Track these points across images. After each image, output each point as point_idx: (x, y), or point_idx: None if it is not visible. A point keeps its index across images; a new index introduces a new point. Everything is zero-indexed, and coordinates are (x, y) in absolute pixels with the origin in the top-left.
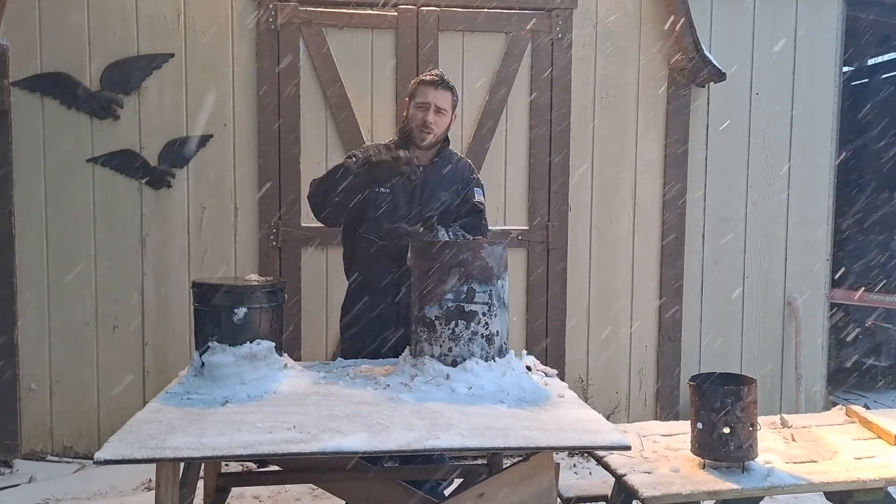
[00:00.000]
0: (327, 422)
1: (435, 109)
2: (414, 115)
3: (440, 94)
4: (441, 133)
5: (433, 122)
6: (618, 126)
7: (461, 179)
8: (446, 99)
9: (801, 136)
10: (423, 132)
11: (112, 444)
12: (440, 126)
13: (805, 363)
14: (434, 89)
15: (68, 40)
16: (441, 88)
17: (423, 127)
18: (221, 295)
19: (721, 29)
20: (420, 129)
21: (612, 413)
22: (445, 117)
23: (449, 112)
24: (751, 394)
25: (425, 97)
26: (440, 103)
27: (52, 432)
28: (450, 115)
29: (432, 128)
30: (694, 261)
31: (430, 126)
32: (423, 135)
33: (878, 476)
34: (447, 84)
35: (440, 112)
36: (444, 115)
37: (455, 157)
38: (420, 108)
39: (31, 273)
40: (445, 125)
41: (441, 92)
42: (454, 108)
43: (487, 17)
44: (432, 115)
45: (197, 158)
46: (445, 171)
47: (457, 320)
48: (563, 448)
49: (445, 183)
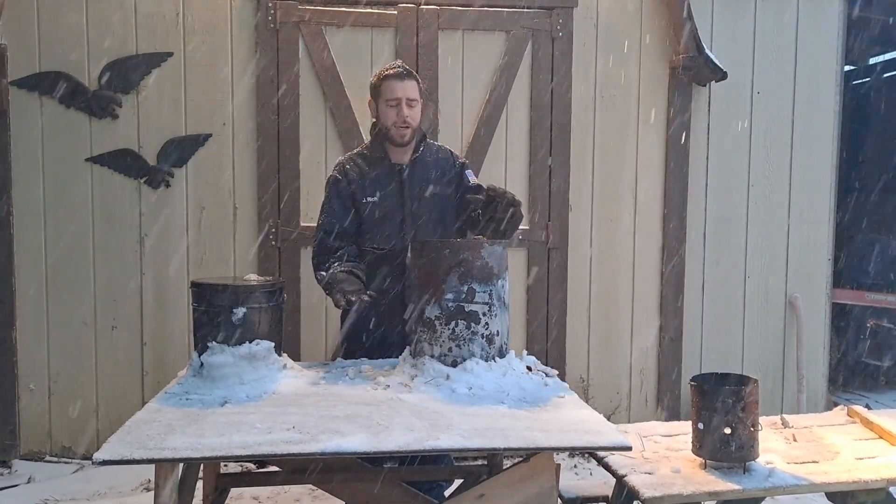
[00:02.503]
0: (327, 422)
1: (407, 102)
2: (386, 114)
3: (408, 86)
4: (417, 125)
5: (408, 115)
6: (618, 125)
7: (447, 168)
8: (414, 89)
9: (803, 135)
10: (400, 129)
11: (111, 444)
12: (415, 118)
13: (806, 363)
14: (400, 81)
15: (67, 39)
16: (407, 79)
17: (399, 123)
18: (220, 295)
19: (722, 27)
20: (397, 126)
21: (612, 413)
22: (418, 107)
23: (419, 101)
24: (752, 394)
25: (394, 93)
26: (410, 94)
27: (51, 433)
28: (420, 104)
29: (409, 122)
30: (695, 260)
31: (407, 120)
32: (402, 131)
33: (879, 476)
34: (412, 74)
35: (411, 104)
36: (415, 106)
37: (434, 148)
38: (391, 105)
39: (29, 273)
40: (419, 116)
41: (408, 83)
42: (422, 96)
43: (488, 15)
44: (406, 109)
45: (196, 158)
46: (428, 164)
47: (457, 320)
48: (564, 449)
49: (431, 176)
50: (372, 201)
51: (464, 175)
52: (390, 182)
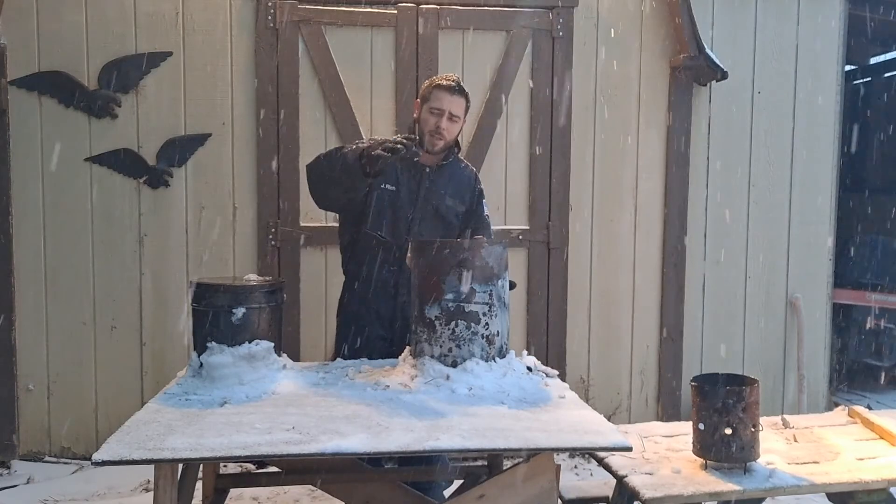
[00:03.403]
0: (326, 423)
1: (448, 116)
2: (426, 120)
3: (455, 101)
4: (452, 140)
5: (446, 128)
6: (619, 124)
7: (467, 188)
8: (460, 106)
9: (803, 135)
10: (434, 137)
11: (110, 444)
12: (452, 133)
13: (807, 364)
14: (450, 95)
15: (66, 39)
16: (457, 95)
17: (435, 132)
18: (220, 295)
19: (723, 27)
20: (432, 134)
21: (613, 414)
22: (457, 124)
23: (461, 119)
24: (753, 394)
25: (440, 103)
26: (454, 110)
27: (50, 433)
28: (461, 122)
29: (444, 134)
30: (696, 260)
31: (443, 132)
32: (435, 140)
33: (880, 477)
34: (463, 91)
35: (453, 119)
36: (456, 122)
37: (462, 164)
38: (434, 114)
39: (28, 272)
40: (457, 132)
41: (456, 98)
42: (466, 114)
43: (488, 14)
44: (445, 122)
45: (195, 158)
46: (451, 176)
47: (457, 321)
48: (564, 449)
49: (451, 188)
50: (389, 189)
51: (480, 204)
52: (411, 178)
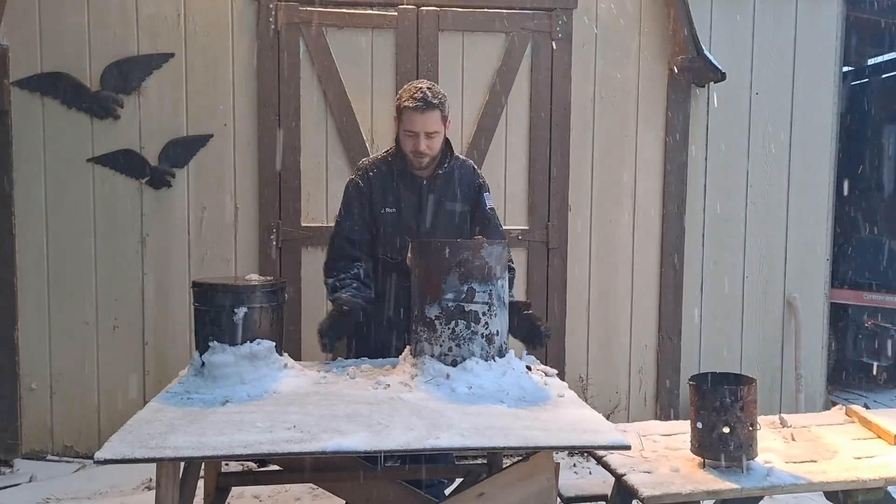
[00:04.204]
0: (327, 421)
1: (425, 135)
2: (405, 142)
3: (427, 118)
4: (437, 152)
5: (426, 147)
6: (618, 125)
7: (467, 185)
8: (434, 120)
9: (801, 136)
10: (417, 158)
11: (112, 443)
12: (434, 148)
13: (805, 363)
14: (420, 114)
15: (68, 40)
16: (427, 111)
17: (416, 154)
18: (222, 295)
19: (721, 28)
20: (414, 154)
21: (611, 413)
22: (438, 137)
23: (441, 130)
24: (750, 393)
25: (412, 125)
26: (429, 128)
27: (53, 432)
28: (443, 132)
29: (425, 152)
30: (694, 260)
31: (423, 152)
32: (419, 160)
33: (877, 476)
34: (431, 104)
35: (431, 136)
36: (435, 136)
37: (458, 162)
38: (409, 136)
39: (31, 272)
40: (440, 144)
41: (428, 115)
42: (445, 121)
43: (487, 16)
44: (423, 142)
45: (197, 158)
46: (449, 180)
47: (457, 320)
48: (563, 448)
49: (451, 193)
50: (390, 212)
51: (482, 197)
52: (410, 195)
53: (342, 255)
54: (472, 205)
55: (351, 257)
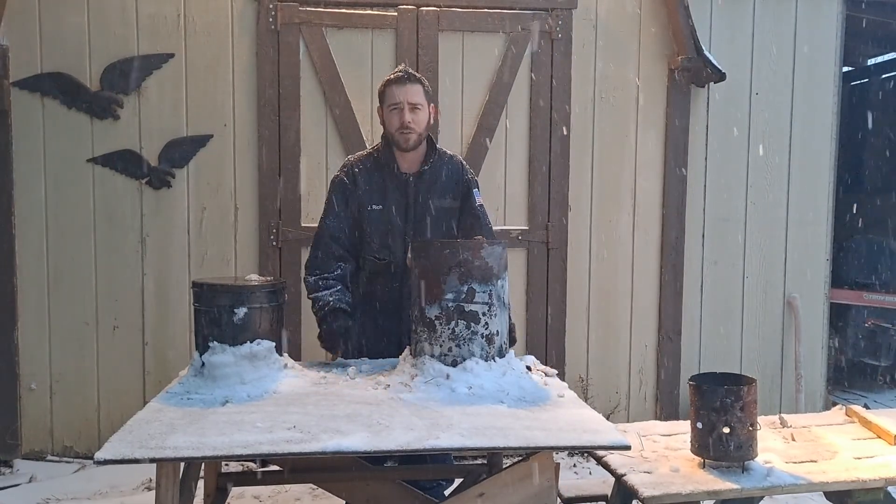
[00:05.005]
0: (327, 421)
1: (409, 107)
2: (390, 121)
3: (410, 89)
4: (423, 129)
5: (411, 120)
6: (618, 126)
7: (455, 181)
8: (417, 92)
9: (801, 136)
10: (403, 134)
11: (112, 443)
12: (420, 123)
13: (805, 363)
14: (402, 86)
15: (68, 40)
16: (409, 83)
17: (402, 129)
18: (222, 295)
19: (721, 29)
20: (400, 131)
21: (611, 413)
22: (423, 111)
23: (425, 105)
24: (750, 393)
25: (395, 97)
26: (412, 98)
27: (53, 432)
28: (426, 109)
29: (412, 126)
30: (694, 260)
31: (409, 125)
32: (405, 136)
33: (877, 476)
34: (414, 77)
35: (415, 108)
36: (420, 109)
37: (445, 158)
38: (394, 111)
39: (31, 273)
40: (425, 120)
41: (410, 86)
42: (429, 100)
43: (487, 16)
44: (408, 114)
45: (197, 158)
46: (435, 176)
47: (457, 320)
48: (563, 448)
49: (438, 189)
50: (377, 209)
51: (471, 193)
52: (396, 191)
53: (326, 252)
54: (460, 201)
55: (335, 256)
